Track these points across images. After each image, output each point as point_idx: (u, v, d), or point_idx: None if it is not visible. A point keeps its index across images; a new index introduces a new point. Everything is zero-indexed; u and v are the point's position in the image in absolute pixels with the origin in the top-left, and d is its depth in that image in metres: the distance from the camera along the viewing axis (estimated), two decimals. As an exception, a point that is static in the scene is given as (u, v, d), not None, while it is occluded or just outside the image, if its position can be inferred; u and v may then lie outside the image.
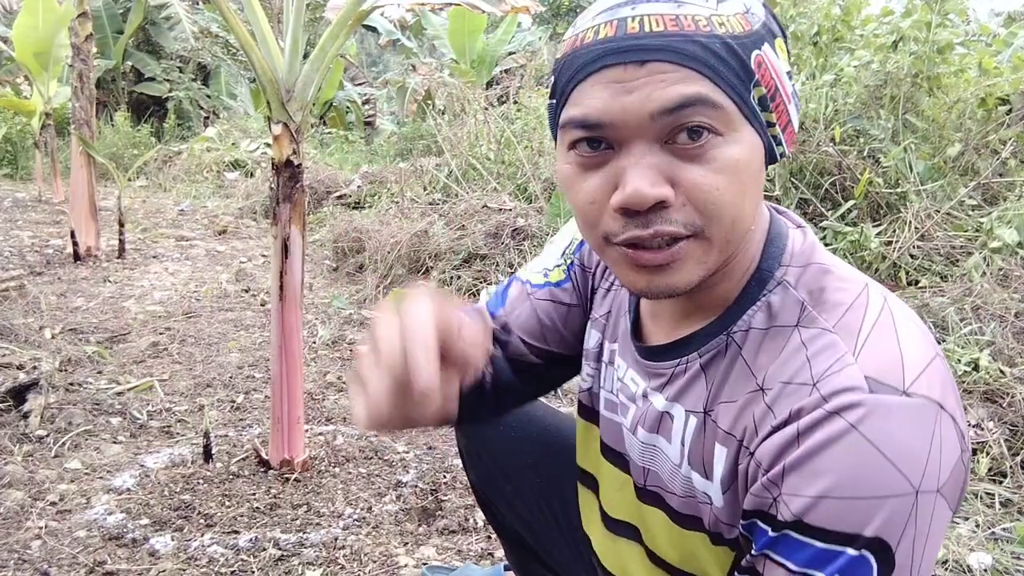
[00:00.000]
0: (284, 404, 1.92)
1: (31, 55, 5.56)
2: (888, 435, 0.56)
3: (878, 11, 3.63)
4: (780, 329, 0.66)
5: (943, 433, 0.58)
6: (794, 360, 0.62)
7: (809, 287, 0.66)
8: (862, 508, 0.56)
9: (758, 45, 0.62)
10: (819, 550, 0.57)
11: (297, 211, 1.88)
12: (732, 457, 0.67)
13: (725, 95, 0.60)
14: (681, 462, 0.73)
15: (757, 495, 0.62)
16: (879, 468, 0.56)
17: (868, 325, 0.62)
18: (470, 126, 5.31)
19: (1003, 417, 2.01)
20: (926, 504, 0.57)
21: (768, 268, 0.69)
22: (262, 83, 1.80)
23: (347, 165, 7.31)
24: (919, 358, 0.60)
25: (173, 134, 9.69)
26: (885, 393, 0.58)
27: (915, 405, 0.58)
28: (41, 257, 4.39)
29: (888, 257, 2.78)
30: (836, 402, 0.58)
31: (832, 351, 0.61)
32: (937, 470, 0.57)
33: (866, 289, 0.66)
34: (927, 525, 0.57)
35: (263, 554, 1.62)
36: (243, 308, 3.55)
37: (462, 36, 9.16)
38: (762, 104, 0.63)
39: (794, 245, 0.70)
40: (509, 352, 0.94)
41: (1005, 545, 1.66)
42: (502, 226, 3.61)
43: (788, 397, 0.61)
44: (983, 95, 3.20)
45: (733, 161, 0.61)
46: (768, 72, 0.62)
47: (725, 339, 0.69)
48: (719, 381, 0.69)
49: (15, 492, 1.83)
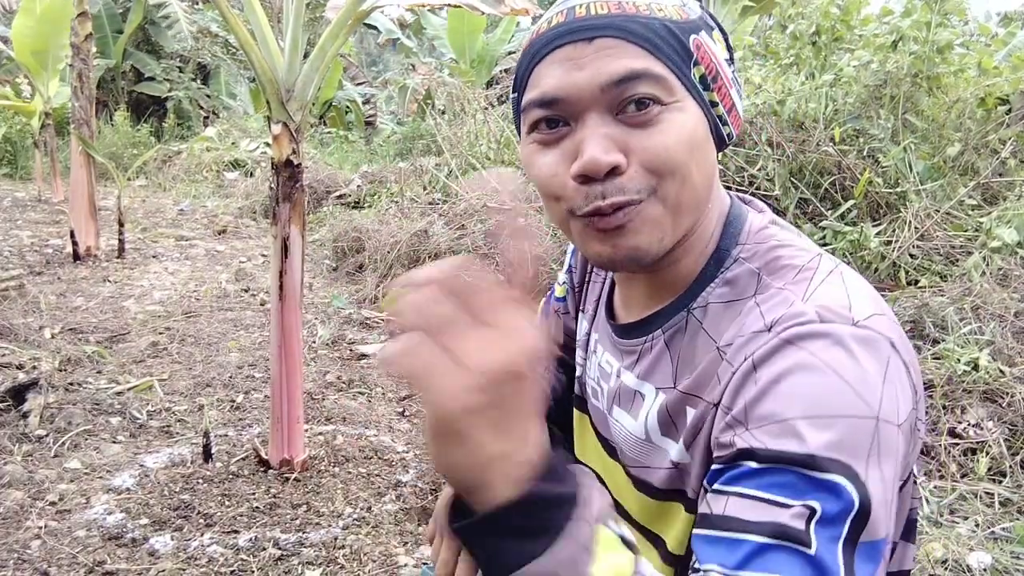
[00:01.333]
0: (284, 404, 1.92)
1: (30, 55, 5.57)
2: (841, 360, 0.57)
3: (877, 11, 3.63)
4: (738, 301, 0.69)
5: (897, 370, 0.58)
6: (749, 318, 0.65)
7: (763, 259, 0.70)
8: (833, 429, 0.55)
9: (695, 31, 0.68)
10: (797, 475, 0.55)
11: (297, 211, 1.88)
12: (698, 415, 0.68)
13: (667, 68, 0.66)
14: (646, 434, 0.75)
15: (723, 437, 0.61)
16: (840, 391, 0.56)
17: (819, 279, 0.65)
18: (470, 126, 5.31)
19: (1003, 417, 2.01)
20: (889, 434, 0.56)
21: (726, 247, 0.72)
22: (262, 83, 1.80)
23: (347, 165, 7.31)
24: (868, 304, 0.62)
25: (173, 134, 9.68)
26: (836, 322, 0.59)
27: (866, 335, 0.59)
28: (41, 257, 4.39)
29: (888, 257, 2.78)
30: (788, 332, 0.60)
31: (783, 300, 0.64)
32: (895, 404, 0.57)
33: (819, 257, 0.69)
34: (892, 459, 0.56)
35: (263, 554, 1.62)
36: (243, 308, 3.55)
37: (462, 36, 9.16)
38: (703, 83, 0.68)
39: (751, 225, 0.73)
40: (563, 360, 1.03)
41: (1005, 544, 1.66)
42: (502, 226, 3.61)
43: (745, 345, 0.64)
44: (983, 95, 3.21)
45: (678, 125, 0.66)
46: (707, 54, 0.68)
47: (685, 315, 0.72)
48: (683, 355, 0.72)
49: (15, 492, 1.83)
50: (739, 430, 0.60)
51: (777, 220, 0.75)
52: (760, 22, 8.11)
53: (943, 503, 1.82)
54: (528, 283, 0.54)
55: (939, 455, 1.95)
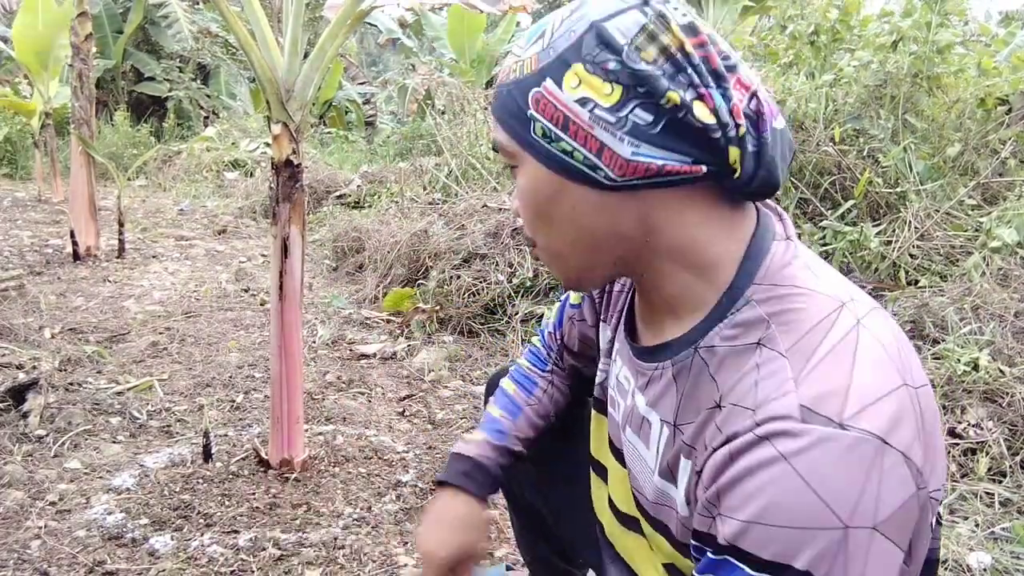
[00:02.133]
0: (284, 404, 1.92)
1: (31, 55, 5.56)
2: (815, 468, 0.56)
3: (877, 11, 3.63)
4: (744, 347, 0.66)
5: (885, 469, 0.57)
6: (746, 381, 0.63)
7: (776, 306, 0.66)
8: (791, 538, 0.56)
9: (539, 82, 0.67)
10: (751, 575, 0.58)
11: (297, 211, 1.88)
12: (692, 470, 0.69)
13: (508, 136, 0.70)
14: (655, 468, 0.76)
15: (700, 514, 0.64)
16: (805, 500, 0.56)
17: (824, 350, 0.62)
18: (470, 126, 5.31)
19: (1003, 417, 2.01)
20: (858, 540, 0.56)
21: (740, 286, 0.69)
22: (262, 83, 1.80)
23: (347, 165, 7.31)
24: (871, 389, 0.59)
25: (173, 134, 9.68)
26: (818, 423, 0.57)
27: (848, 439, 0.57)
28: (41, 257, 4.39)
29: (888, 257, 2.78)
30: (766, 428, 0.59)
31: (778, 376, 0.61)
32: (873, 507, 0.56)
33: (839, 310, 0.65)
34: (862, 559, 0.56)
35: (263, 554, 1.62)
36: (243, 308, 3.55)
37: (461, 35, 9.16)
38: (546, 137, 0.67)
39: (772, 261, 0.69)
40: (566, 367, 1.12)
41: (1004, 544, 1.66)
42: (502, 226, 3.61)
43: (732, 420, 0.62)
44: (982, 95, 3.20)
45: (520, 188, 0.73)
46: (550, 106, 0.66)
47: (692, 353, 0.70)
48: (687, 395, 0.71)
49: (15, 492, 1.83)
50: (713, 511, 0.62)
51: (803, 255, 0.71)
52: (760, 22, 8.11)
53: (943, 503, 1.82)
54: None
55: (939, 455, 1.95)
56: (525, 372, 1.15)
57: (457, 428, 2.34)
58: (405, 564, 1.61)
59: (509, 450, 1.07)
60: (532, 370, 1.15)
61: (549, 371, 1.14)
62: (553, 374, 1.13)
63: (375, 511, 1.81)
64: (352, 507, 1.83)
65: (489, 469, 1.04)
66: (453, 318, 3.23)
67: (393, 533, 1.73)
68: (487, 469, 1.04)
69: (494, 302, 3.26)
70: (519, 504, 1.26)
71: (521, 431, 1.08)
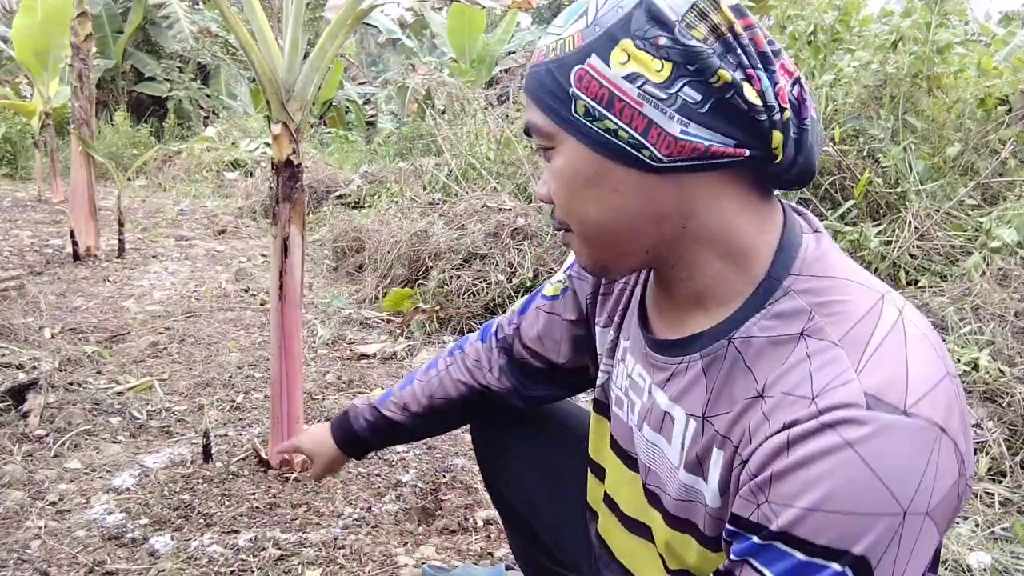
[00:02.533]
0: (284, 404, 1.92)
1: (31, 55, 5.56)
2: (881, 454, 0.57)
3: (877, 11, 3.63)
4: (785, 338, 0.65)
5: (941, 457, 0.58)
6: (797, 371, 0.63)
7: (818, 297, 0.66)
8: (851, 524, 0.57)
9: (583, 59, 0.66)
10: (801, 562, 0.58)
11: (297, 211, 1.88)
12: (728, 461, 0.67)
13: (545, 117, 0.70)
14: (679, 464, 0.74)
15: (745, 499, 0.63)
16: (869, 486, 0.56)
17: (877, 340, 0.62)
18: (470, 126, 5.31)
19: (1003, 417, 2.01)
20: (912, 525, 0.57)
21: (777, 276, 0.68)
22: (262, 83, 1.80)
23: (347, 165, 7.31)
24: (926, 378, 0.60)
25: (173, 134, 9.67)
26: (883, 411, 0.58)
27: (914, 426, 0.58)
28: (41, 257, 4.39)
29: (888, 257, 2.78)
30: (831, 416, 0.59)
31: (835, 365, 0.61)
32: (929, 493, 0.57)
33: (881, 301, 0.65)
34: (911, 546, 0.58)
35: (263, 554, 1.62)
36: (243, 308, 3.55)
37: (462, 35, 9.15)
38: (588, 116, 0.66)
39: (806, 252, 0.69)
40: (515, 355, 1.09)
41: (1005, 544, 1.67)
42: (502, 226, 3.61)
43: (786, 408, 0.62)
44: (982, 95, 3.20)
45: (556, 170, 0.71)
46: (595, 83, 0.65)
47: (726, 344, 0.69)
48: (719, 386, 0.70)
49: (15, 492, 1.83)
50: (760, 499, 0.61)
51: (835, 248, 0.71)
52: (759, 22, 8.10)
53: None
54: None
55: (939, 455, 1.95)
56: (442, 353, 1.20)
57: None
58: (405, 564, 1.61)
59: (377, 410, 1.20)
60: (445, 353, 1.19)
61: (457, 355, 1.16)
62: (463, 359, 1.14)
63: (375, 511, 1.81)
64: (352, 507, 1.83)
65: (351, 417, 1.23)
66: (453, 318, 3.23)
67: (393, 533, 1.73)
68: (351, 418, 1.23)
69: (494, 302, 3.26)
70: (506, 508, 1.25)
71: (402, 399, 1.18)
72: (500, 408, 1.14)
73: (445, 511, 1.82)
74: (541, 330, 1.05)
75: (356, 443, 1.24)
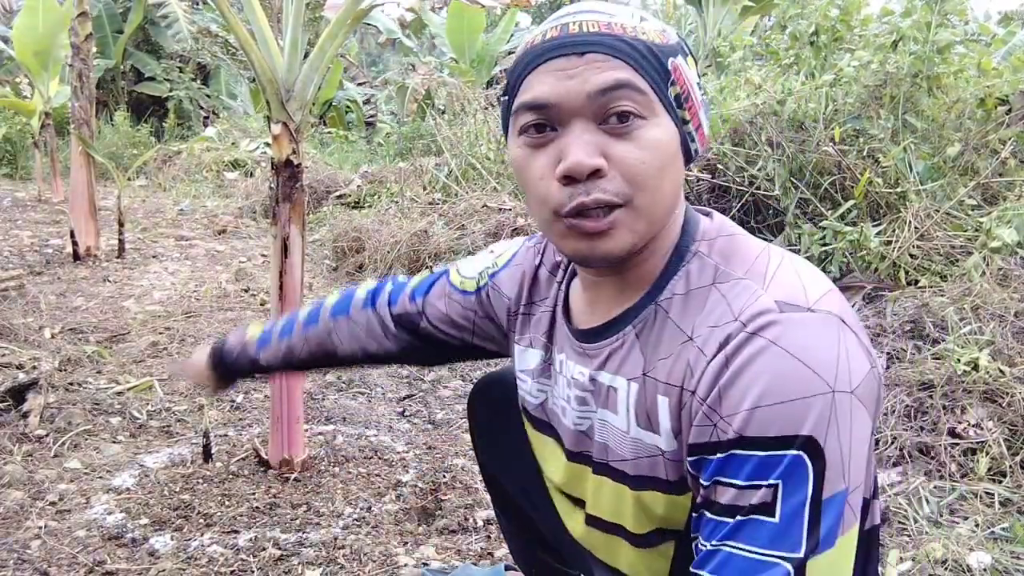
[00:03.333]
0: (284, 403, 1.92)
1: (31, 55, 5.56)
2: (800, 343, 0.66)
3: (877, 11, 3.63)
4: (700, 289, 0.76)
5: (848, 343, 0.67)
6: (717, 308, 0.73)
7: (721, 252, 0.78)
8: (792, 410, 0.64)
9: (673, 54, 0.75)
10: (761, 459, 0.65)
11: (297, 211, 1.88)
12: (675, 403, 0.74)
13: (648, 84, 0.72)
14: (628, 427, 0.80)
15: (700, 426, 0.70)
16: (798, 373, 0.65)
17: (772, 267, 0.74)
18: (470, 126, 5.31)
19: (1003, 417, 2.00)
20: (843, 403, 0.65)
21: (685, 245, 0.80)
22: (262, 83, 1.80)
23: (347, 165, 7.30)
24: (819, 286, 0.72)
25: (173, 134, 9.67)
26: (792, 312, 0.68)
27: (820, 318, 0.68)
28: (41, 257, 4.39)
29: (888, 257, 2.78)
30: (753, 324, 0.68)
31: (746, 291, 0.72)
32: (848, 374, 0.66)
33: (767, 247, 0.78)
34: (848, 423, 0.65)
35: (263, 554, 1.62)
36: (243, 308, 3.55)
37: (461, 35, 9.15)
38: (678, 101, 0.75)
39: (704, 225, 0.81)
40: (421, 331, 1.12)
41: (1004, 545, 1.66)
42: (502, 226, 3.61)
43: (716, 334, 0.71)
44: (982, 95, 3.20)
45: (655, 140, 0.73)
46: (682, 76, 0.75)
47: (653, 308, 0.79)
48: (652, 345, 0.78)
49: (15, 492, 1.83)
50: (714, 418, 0.68)
51: (725, 220, 0.83)
52: (760, 22, 8.10)
53: (943, 503, 1.82)
54: None
55: (939, 455, 1.95)
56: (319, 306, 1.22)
57: (457, 428, 2.34)
58: (405, 564, 1.61)
59: (255, 360, 1.25)
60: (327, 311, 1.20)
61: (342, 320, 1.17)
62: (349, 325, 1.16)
63: (375, 511, 1.81)
64: (352, 507, 1.83)
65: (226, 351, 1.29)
66: (453, 318, 3.22)
67: (393, 533, 1.73)
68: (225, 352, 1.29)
69: (494, 302, 3.26)
70: (505, 505, 1.26)
71: (280, 350, 1.23)
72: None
73: (445, 511, 1.82)
74: (452, 314, 1.08)
75: (226, 376, 1.32)
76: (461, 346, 1.11)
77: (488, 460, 1.26)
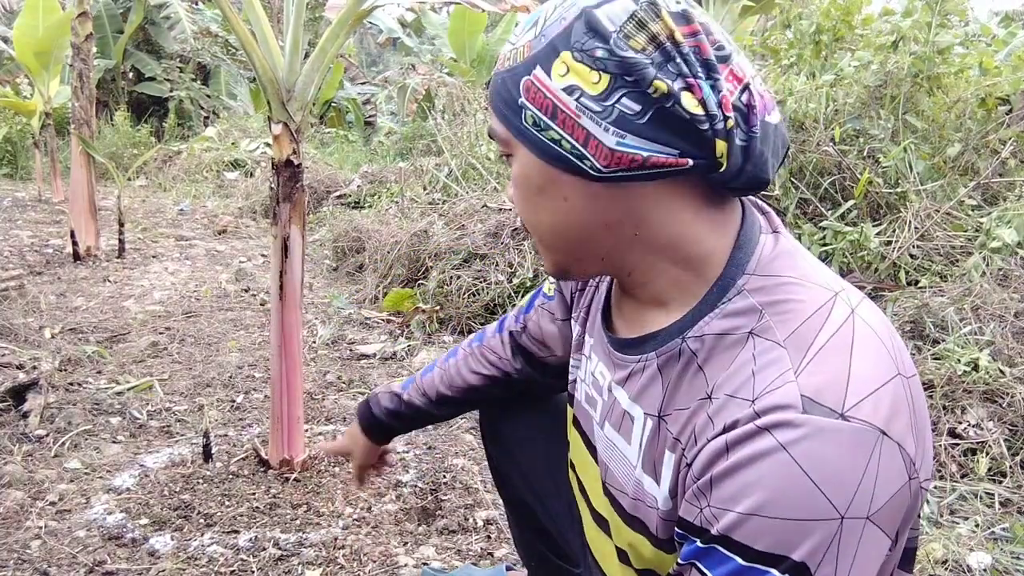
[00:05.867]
0: (284, 404, 1.92)
1: (31, 55, 5.56)
2: (815, 458, 0.56)
3: (878, 11, 3.63)
4: (735, 337, 0.66)
5: (882, 460, 0.57)
6: (741, 373, 0.63)
7: (770, 295, 0.66)
8: (787, 530, 0.56)
9: (529, 70, 0.66)
10: (741, 567, 0.58)
11: (297, 211, 1.88)
12: (676, 464, 0.68)
13: (501, 124, 0.70)
14: (636, 464, 0.75)
15: (689, 503, 0.64)
16: (805, 491, 0.56)
17: (822, 340, 0.62)
18: (470, 126, 5.30)
19: (1003, 417, 2.01)
20: (852, 531, 0.56)
21: (731, 276, 0.68)
22: (262, 83, 1.80)
23: (347, 165, 7.30)
24: (870, 378, 0.60)
25: (173, 134, 9.66)
26: (819, 414, 0.57)
27: (850, 429, 0.57)
28: (41, 257, 4.39)
29: (888, 257, 2.78)
30: (767, 419, 0.58)
31: (776, 367, 0.61)
32: (869, 497, 0.57)
33: (833, 299, 0.65)
34: (852, 551, 0.57)
35: (263, 554, 1.62)
36: (243, 308, 3.55)
37: (462, 35, 9.14)
38: (536, 125, 0.67)
39: (762, 251, 0.69)
40: (524, 348, 1.13)
41: (1005, 545, 1.66)
42: (502, 226, 3.61)
43: (728, 410, 0.62)
44: (983, 95, 3.20)
45: (516, 177, 0.72)
46: (539, 94, 0.66)
47: (680, 343, 0.70)
48: (673, 385, 0.70)
49: (15, 492, 1.83)
50: (703, 502, 0.61)
51: (791, 246, 0.71)
52: (760, 22, 8.11)
53: (943, 503, 1.82)
54: None
55: (939, 455, 1.95)
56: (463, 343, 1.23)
57: (457, 428, 2.34)
58: (405, 564, 1.61)
59: (398, 396, 1.24)
60: (465, 343, 1.22)
61: (475, 347, 1.19)
62: (481, 351, 1.17)
63: (375, 511, 1.81)
64: (352, 507, 1.83)
65: (371, 403, 1.27)
66: (453, 318, 3.23)
67: (393, 533, 1.73)
68: (371, 403, 1.27)
69: (494, 302, 3.26)
70: (513, 499, 1.27)
71: (422, 386, 1.22)
72: (525, 391, 1.18)
73: (445, 511, 1.82)
74: (543, 327, 1.08)
75: (379, 428, 1.27)
76: (554, 364, 1.09)
77: (496, 453, 1.27)
